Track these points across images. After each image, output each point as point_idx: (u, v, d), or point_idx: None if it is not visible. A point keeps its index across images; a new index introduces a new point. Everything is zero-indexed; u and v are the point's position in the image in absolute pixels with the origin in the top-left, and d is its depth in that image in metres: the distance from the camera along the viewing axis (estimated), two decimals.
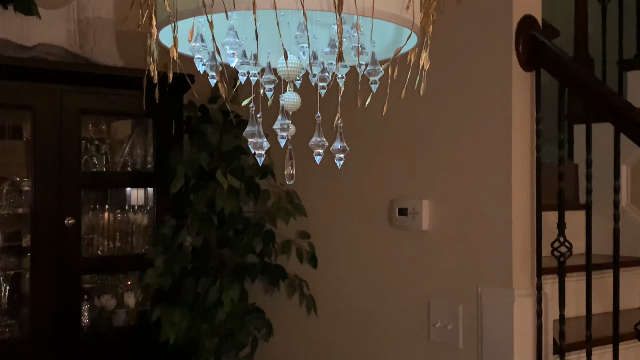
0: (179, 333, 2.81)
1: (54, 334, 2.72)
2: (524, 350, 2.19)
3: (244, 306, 3.01)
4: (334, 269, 2.87)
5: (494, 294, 2.24)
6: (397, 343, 2.58)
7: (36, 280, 2.70)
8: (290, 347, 3.07)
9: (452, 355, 2.38)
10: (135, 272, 3.06)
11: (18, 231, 2.88)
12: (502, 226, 2.23)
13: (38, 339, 2.70)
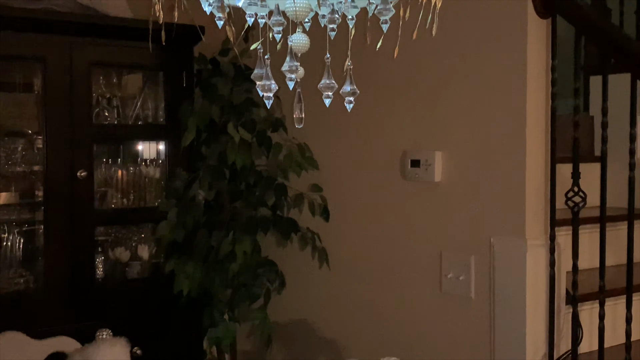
0: (193, 285, 2.83)
1: (68, 286, 2.75)
2: (537, 301, 2.19)
3: (257, 259, 3.03)
4: (346, 221, 2.87)
5: (506, 244, 2.23)
6: (409, 295, 2.59)
7: (50, 232, 2.72)
8: (303, 299, 3.09)
9: (464, 306, 2.38)
10: (149, 225, 3.07)
11: (32, 187, 2.90)
12: (516, 177, 2.21)
13: (53, 290, 2.73)
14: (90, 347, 1.76)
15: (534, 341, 2.19)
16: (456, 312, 2.41)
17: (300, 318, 3.11)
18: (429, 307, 2.51)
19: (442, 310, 2.47)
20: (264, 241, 3.10)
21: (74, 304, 2.75)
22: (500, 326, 2.26)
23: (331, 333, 2.94)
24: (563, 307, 2.23)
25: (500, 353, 2.25)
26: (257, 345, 3.29)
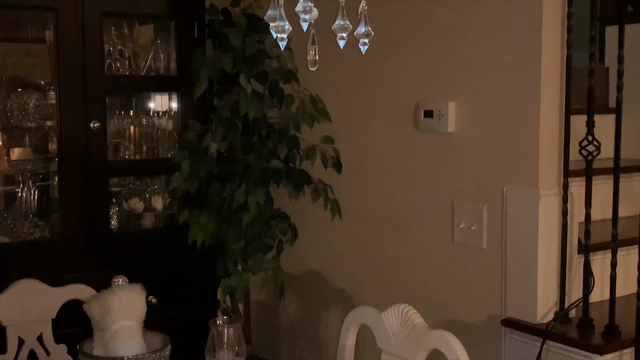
0: (206, 235, 2.85)
1: (83, 236, 2.78)
2: (548, 250, 2.20)
3: (269, 210, 3.05)
4: (359, 173, 2.88)
5: (519, 193, 2.23)
6: (421, 245, 2.61)
7: (64, 183, 2.74)
8: (315, 250, 3.12)
9: (476, 256, 2.39)
10: (162, 176, 3.09)
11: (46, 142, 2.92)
12: (530, 126, 2.20)
13: (68, 240, 2.76)
14: (106, 293, 1.78)
15: (545, 290, 2.20)
16: (468, 262, 2.43)
17: (312, 269, 3.14)
18: (441, 257, 2.53)
19: (453, 260, 2.48)
20: (277, 193, 3.11)
21: (90, 254, 2.79)
22: (511, 276, 2.27)
23: (343, 283, 2.97)
24: (575, 257, 2.24)
25: (511, 302, 2.27)
26: (270, 295, 3.34)
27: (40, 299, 2.10)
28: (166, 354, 1.74)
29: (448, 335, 1.73)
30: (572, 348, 2.06)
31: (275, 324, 3.35)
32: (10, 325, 2.04)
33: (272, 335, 3.36)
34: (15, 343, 2.05)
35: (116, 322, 1.73)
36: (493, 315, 2.32)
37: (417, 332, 1.80)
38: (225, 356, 1.73)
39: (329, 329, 3.01)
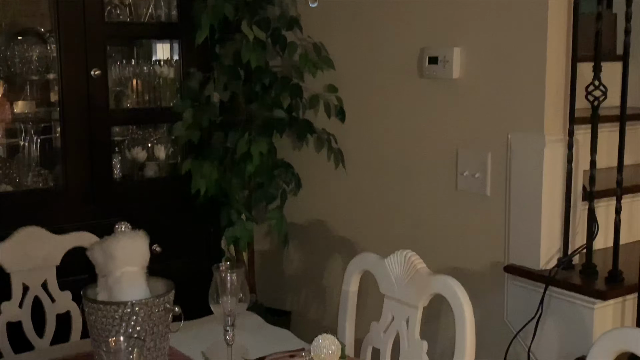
0: (209, 184, 2.85)
1: (87, 185, 2.78)
2: (553, 197, 2.19)
3: (273, 160, 3.04)
4: (363, 122, 2.85)
5: (524, 140, 2.21)
6: (425, 193, 2.60)
7: (66, 131, 2.74)
8: (319, 200, 3.11)
9: (480, 204, 2.38)
10: (164, 125, 3.08)
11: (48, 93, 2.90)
12: (536, 72, 2.17)
13: (72, 189, 2.77)
14: (109, 239, 1.77)
15: (548, 237, 2.20)
16: (471, 210, 2.42)
17: (316, 218, 3.14)
18: (444, 205, 2.52)
19: (457, 208, 2.47)
20: (280, 143, 3.10)
21: (93, 203, 2.79)
22: (515, 223, 2.26)
23: (346, 232, 2.97)
24: (579, 204, 2.23)
25: (514, 249, 2.27)
26: (274, 244, 3.35)
27: (44, 246, 2.10)
28: (170, 299, 1.74)
29: (451, 280, 1.73)
30: (575, 294, 2.06)
31: (279, 273, 3.37)
32: (14, 272, 2.05)
33: (276, 284, 3.38)
34: (19, 290, 2.06)
35: (119, 268, 1.73)
36: (496, 263, 2.33)
37: (420, 277, 1.81)
38: (228, 302, 1.73)
39: (333, 277, 3.02)
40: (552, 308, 2.15)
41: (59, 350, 1.86)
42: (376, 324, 1.91)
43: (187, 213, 2.97)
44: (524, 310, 2.20)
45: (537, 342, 2.17)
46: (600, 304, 2.03)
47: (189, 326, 1.97)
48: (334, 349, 1.16)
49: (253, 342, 1.89)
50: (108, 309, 1.65)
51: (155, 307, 1.68)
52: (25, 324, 2.06)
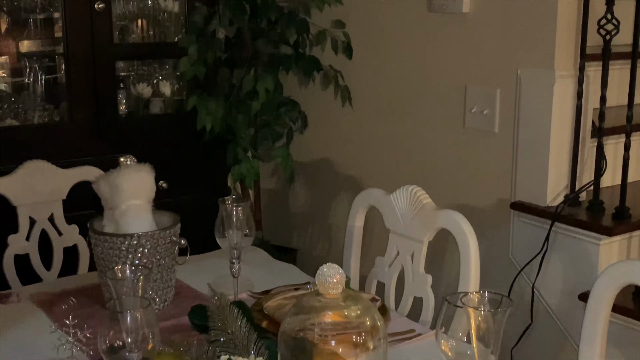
0: (215, 121, 2.83)
1: (92, 120, 2.77)
2: (561, 134, 2.17)
3: (279, 98, 3.01)
4: (370, 58, 2.81)
5: (534, 75, 2.18)
6: (432, 130, 2.58)
7: (71, 67, 2.71)
8: (325, 138, 3.10)
9: (488, 141, 2.37)
10: (169, 61, 3.04)
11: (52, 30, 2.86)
12: (547, 5, 2.12)
13: (77, 124, 2.75)
14: (114, 172, 1.77)
15: (556, 174, 2.19)
16: (479, 147, 2.40)
17: (322, 157, 3.13)
18: (452, 143, 2.50)
19: (464, 145, 2.46)
20: (286, 81, 3.07)
21: (98, 138, 2.78)
22: (522, 160, 2.25)
23: (353, 170, 2.96)
24: (588, 140, 2.21)
25: (521, 186, 2.26)
26: (280, 183, 3.35)
27: (50, 180, 2.11)
28: (176, 232, 1.75)
29: (456, 214, 1.73)
30: (581, 230, 2.06)
31: (286, 211, 3.38)
32: (21, 205, 2.06)
33: (282, 222, 3.40)
34: (26, 223, 2.07)
35: (125, 201, 1.73)
36: (502, 200, 2.32)
37: (425, 212, 1.81)
38: (234, 235, 1.73)
39: (339, 215, 3.03)
40: (558, 244, 2.15)
41: (67, 282, 1.88)
42: (381, 259, 1.92)
43: (193, 150, 2.96)
44: (529, 247, 2.21)
45: (542, 278, 2.18)
46: (606, 240, 2.02)
47: (196, 260, 1.99)
48: (339, 278, 1.16)
49: (259, 276, 1.91)
50: (114, 241, 1.66)
51: (161, 240, 1.69)
52: (32, 256, 2.08)
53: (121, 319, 1.11)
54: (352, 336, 1.19)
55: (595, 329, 1.34)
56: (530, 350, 2.22)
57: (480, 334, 1.08)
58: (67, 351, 1.36)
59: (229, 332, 1.44)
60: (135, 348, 1.12)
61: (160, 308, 1.71)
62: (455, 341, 1.16)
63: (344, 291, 1.18)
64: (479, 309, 1.08)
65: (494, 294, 1.10)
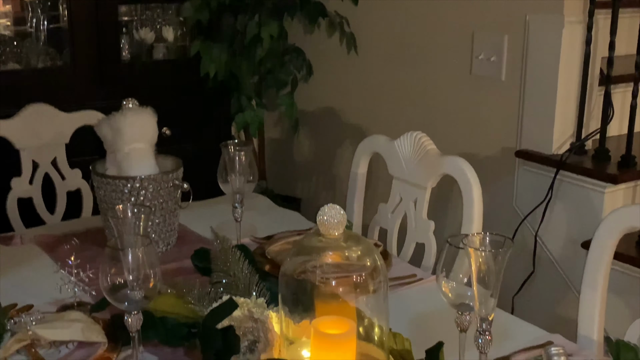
0: (219, 68, 2.80)
1: (95, 65, 2.75)
2: (569, 81, 2.14)
3: (284, 45, 2.97)
4: (376, 3, 2.77)
5: (542, 21, 2.14)
6: (438, 78, 2.55)
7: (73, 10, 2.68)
8: (330, 86, 3.07)
9: (494, 88, 2.34)
10: (172, 6, 3.00)
11: None
12: None
13: (79, 69, 2.73)
14: (117, 115, 1.76)
15: (562, 122, 2.16)
16: (485, 94, 2.38)
17: (327, 105, 3.10)
18: (458, 90, 2.47)
19: (471, 92, 2.43)
20: (291, 28, 3.02)
21: (101, 83, 2.76)
22: (529, 107, 2.23)
23: (357, 119, 2.94)
24: (595, 88, 2.18)
25: (527, 134, 2.24)
26: (285, 132, 3.33)
27: (52, 124, 2.10)
28: (179, 175, 1.74)
29: (460, 160, 1.72)
30: (586, 178, 2.05)
31: (290, 160, 3.37)
32: (24, 148, 2.06)
33: (286, 171, 3.39)
34: (29, 166, 2.07)
35: (128, 144, 1.72)
36: (507, 148, 2.30)
37: (429, 158, 1.79)
38: (237, 180, 1.73)
39: (343, 164, 3.02)
40: (562, 193, 2.14)
41: (70, 226, 1.89)
42: (384, 205, 1.91)
43: (196, 97, 2.94)
44: (533, 196, 2.20)
45: (545, 226, 2.18)
46: (611, 188, 2.01)
47: (199, 206, 1.99)
48: (340, 218, 1.15)
49: (262, 222, 1.91)
50: (117, 184, 1.66)
51: (163, 183, 1.69)
52: (36, 200, 2.08)
53: (122, 257, 1.11)
54: (353, 278, 1.19)
55: (597, 274, 1.34)
56: (532, 298, 2.23)
57: (481, 276, 1.07)
58: (70, 291, 1.37)
59: (231, 275, 1.45)
60: (137, 286, 1.12)
61: (163, 251, 1.71)
62: (455, 283, 1.16)
63: (345, 232, 1.18)
64: (480, 249, 1.07)
65: (496, 235, 1.10)
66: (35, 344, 1.19)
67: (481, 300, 1.08)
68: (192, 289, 1.38)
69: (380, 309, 1.19)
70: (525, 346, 1.27)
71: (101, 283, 1.12)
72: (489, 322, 1.09)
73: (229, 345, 1.14)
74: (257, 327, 1.20)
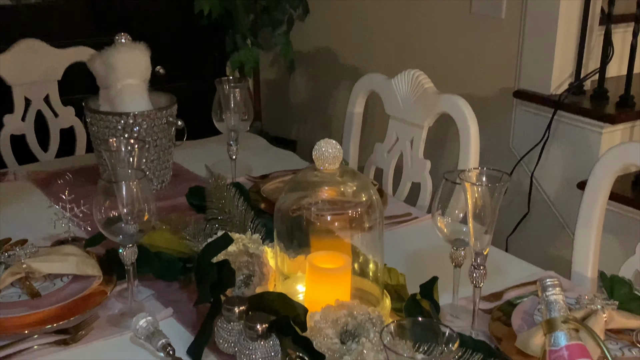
0: (213, 5, 2.76)
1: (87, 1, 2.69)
2: (569, 20, 2.11)
3: None
4: None
5: None
6: (437, 16, 2.50)
7: None
8: (327, 26, 3.02)
9: (494, 27, 2.30)
10: None
11: None
12: None
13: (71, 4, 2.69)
14: (109, 50, 1.73)
15: (561, 62, 2.14)
16: (485, 34, 2.34)
17: (323, 45, 3.06)
18: (457, 29, 2.44)
19: (470, 31, 2.39)
20: None
21: (93, 19, 2.71)
22: (528, 47, 2.20)
23: (355, 59, 2.90)
24: (596, 28, 2.15)
25: (526, 74, 2.22)
26: (281, 73, 3.29)
27: (44, 59, 2.06)
28: (173, 112, 1.72)
29: (458, 98, 1.70)
30: (584, 118, 2.03)
31: (286, 102, 3.34)
32: (16, 84, 2.03)
33: (282, 113, 3.36)
34: (22, 103, 2.04)
35: (121, 80, 1.70)
36: (506, 88, 2.28)
37: (427, 96, 1.77)
38: (231, 118, 1.71)
39: (339, 106, 2.99)
40: (559, 133, 2.13)
41: (63, 163, 1.87)
42: (380, 145, 1.90)
43: (191, 36, 2.89)
44: (530, 137, 2.19)
45: (541, 167, 2.18)
46: (609, 129, 2.00)
47: (194, 145, 1.98)
48: (336, 152, 1.14)
49: (257, 162, 1.90)
50: (110, 120, 1.64)
51: (157, 120, 1.67)
52: (29, 137, 2.06)
53: (116, 190, 1.10)
54: (349, 214, 1.18)
55: (592, 211, 1.33)
56: (526, 239, 2.24)
57: (477, 212, 1.07)
58: (64, 226, 1.37)
59: (226, 211, 1.44)
60: (131, 220, 1.12)
61: (157, 189, 1.70)
62: (450, 219, 1.16)
63: (341, 167, 1.17)
64: (477, 184, 1.07)
65: (493, 170, 1.09)
66: (30, 277, 1.19)
67: (476, 235, 1.07)
68: (187, 226, 1.38)
69: (375, 245, 1.19)
70: (519, 282, 1.27)
71: (95, 216, 1.11)
72: (483, 256, 1.08)
73: (224, 278, 1.14)
74: (252, 262, 1.19)
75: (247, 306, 1.07)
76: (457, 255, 1.17)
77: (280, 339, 1.05)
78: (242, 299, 1.09)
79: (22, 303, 1.15)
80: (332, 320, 1.04)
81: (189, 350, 1.07)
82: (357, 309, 1.05)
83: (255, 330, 1.01)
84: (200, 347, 1.07)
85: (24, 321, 1.10)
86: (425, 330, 0.79)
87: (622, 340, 1.07)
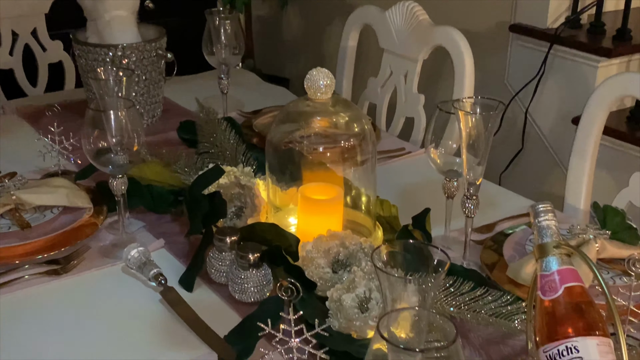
0: None
1: None
2: None
3: None
4: None
5: None
6: None
7: None
8: None
9: None
10: None
11: None
12: None
13: None
14: None
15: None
16: None
17: None
18: None
19: None
20: None
21: None
22: None
23: None
24: None
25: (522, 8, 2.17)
26: (273, 8, 3.23)
27: None
28: (162, 45, 1.69)
29: (453, 30, 1.67)
30: (580, 52, 2.00)
31: (278, 39, 3.28)
32: (2, 18, 1.98)
33: (274, 51, 3.31)
34: (9, 37, 2.00)
35: (109, 12, 1.66)
36: (502, 22, 2.24)
37: (422, 28, 1.74)
38: (222, 51, 1.68)
39: (333, 43, 2.94)
40: (555, 68, 2.10)
41: (52, 97, 1.85)
42: (374, 80, 1.88)
43: None
44: (526, 72, 2.16)
45: (536, 103, 2.16)
46: (605, 63, 1.97)
47: (185, 80, 1.95)
48: (328, 81, 1.12)
49: (249, 97, 1.88)
50: (98, 52, 1.61)
51: (147, 52, 1.64)
52: (17, 71, 2.03)
53: (105, 119, 1.08)
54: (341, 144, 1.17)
55: (587, 142, 1.32)
56: (519, 175, 2.24)
57: (470, 142, 1.05)
58: (53, 159, 1.35)
59: (217, 145, 1.43)
60: (121, 150, 1.10)
61: (148, 124, 1.68)
62: (444, 150, 1.15)
63: (334, 96, 1.15)
64: (471, 113, 1.05)
65: (487, 99, 1.07)
66: (20, 208, 1.18)
67: (469, 166, 1.06)
68: (178, 159, 1.37)
69: (368, 177, 1.18)
70: (512, 215, 1.27)
71: (84, 146, 1.09)
72: (476, 186, 1.08)
73: (216, 209, 1.13)
74: (244, 193, 1.19)
75: (239, 236, 1.07)
76: (449, 186, 1.16)
77: (272, 268, 1.05)
78: (234, 229, 1.09)
79: (12, 234, 1.14)
80: (324, 250, 1.04)
81: (181, 280, 1.07)
82: (348, 239, 1.05)
83: (247, 260, 1.01)
84: (192, 276, 1.07)
85: (15, 252, 1.10)
86: (415, 254, 0.78)
87: (614, 269, 1.07)
